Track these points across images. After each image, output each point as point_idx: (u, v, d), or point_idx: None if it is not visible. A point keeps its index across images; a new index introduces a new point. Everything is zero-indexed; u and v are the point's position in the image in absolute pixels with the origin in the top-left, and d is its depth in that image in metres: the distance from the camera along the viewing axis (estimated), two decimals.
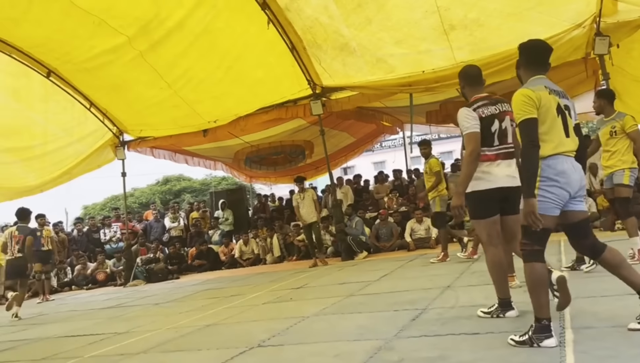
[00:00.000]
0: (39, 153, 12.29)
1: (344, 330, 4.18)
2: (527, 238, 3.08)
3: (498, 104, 3.92)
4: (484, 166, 3.84)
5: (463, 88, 4.17)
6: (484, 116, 3.84)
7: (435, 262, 7.87)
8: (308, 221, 10.66)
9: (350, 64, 9.64)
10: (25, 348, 5.64)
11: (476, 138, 3.79)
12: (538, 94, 3.10)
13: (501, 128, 3.87)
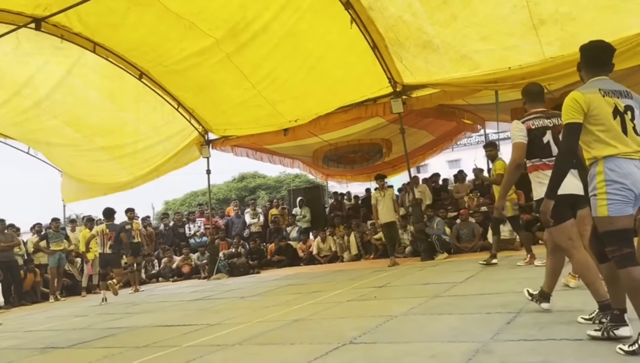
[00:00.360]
0: (131, 151, 13.02)
1: (436, 331, 4.17)
2: (612, 243, 3.06)
3: (553, 118, 4.11)
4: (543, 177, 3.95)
5: (524, 104, 4.39)
6: (533, 127, 4.06)
7: (522, 265, 7.65)
8: (386, 220, 10.63)
9: (433, 61, 9.52)
10: (124, 335, 6.01)
11: (519, 148, 4.03)
12: (588, 97, 3.13)
13: (557, 140, 4.00)
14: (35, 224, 13.43)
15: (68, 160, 13.99)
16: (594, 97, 3.13)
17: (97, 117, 12.02)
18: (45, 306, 11.07)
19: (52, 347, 5.76)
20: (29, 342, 6.39)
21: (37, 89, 10.84)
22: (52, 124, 12.00)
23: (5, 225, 12.21)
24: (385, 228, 10.79)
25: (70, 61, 10.23)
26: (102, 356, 4.84)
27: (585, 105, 3.12)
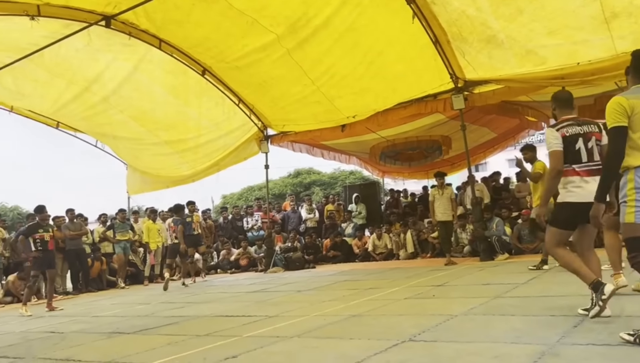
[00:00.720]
0: (193, 145, 13.38)
1: (499, 332, 4.06)
2: (634, 250, 3.17)
3: (584, 125, 4.25)
4: (576, 181, 4.15)
5: (554, 110, 4.52)
6: (567, 134, 4.19)
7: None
8: (442, 218, 10.48)
9: (496, 56, 9.28)
10: (186, 324, 6.17)
11: (557, 156, 4.17)
12: (631, 102, 3.17)
13: (587, 147, 4.18)
14: (101, 215, 14.01)
15: (133, 153, 14.53)
16: (636, 102, 3.17)
17: (161, 112, 12.41)
18: (110, 294, 11.54)
19: (118, 332, 6.00)
20: (96, 326, 6.67)
21: (105, 85, 11.29)
22: (119, 118, 12.48)
23: (74, 215, 12.80)
24: (441, 226, 10.64)
25: (137, 57, 10.60)
26: (166, 343, 4.99)
27: (629, 109, 3.16)
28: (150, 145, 13.68)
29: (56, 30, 9.03)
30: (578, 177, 4.15)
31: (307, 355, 3.96)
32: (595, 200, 3.26)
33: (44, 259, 9.19)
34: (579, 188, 4.13)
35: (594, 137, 4.22)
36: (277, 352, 4.15)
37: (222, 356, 4.11)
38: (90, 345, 5.34)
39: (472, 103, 10.54)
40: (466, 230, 11.73)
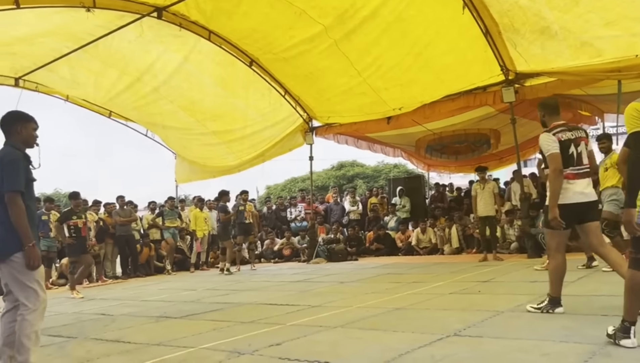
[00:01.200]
0: (239, 136, 13.54)
1: (547, 330, 3.97)
2: (634, 247, 3.33)
3: (574, 131, 4.56)
4: (571, 183, 4.46)
5: (543, 117, 4.77)
6: (562, 139, 4.46)
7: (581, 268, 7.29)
8: (484, 214, 10.29)
9: (550, 48, 8.98)
10: (231, 310, 6.29)
11: (557, 157, 4.42)
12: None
13: (577, 152, 4.48)
14: (150, 202, 14.37)
15: (182, 143, 14.83)
16: None
17: (210, 103, 12.60)
18: (157, 279, 11.85)
19: (166, 316, 6.16)
20: (144, 310, 6.87)
21: (156, 76, 11.53)
22: (169, 108, 12.73)
23: (125, 201, 13.18)
24: (482, 222, 10.45)
25: (187, 49, 10.78)
26: (212, 328, 5.10)
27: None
28: (198, 135, 13.93)
29: (110, 21, 9.29)
30: (573, 181, 4.47)
31: (351, 345, 3.97)
32: (626, 206, 3.33)
33: (78, 245, 9.36)
34: (564, 190, 4.45)
35: (583, 142, 4.54)
36: (321, 341, 4.18)
37: (267, 343, 4.17)
38: (139, 328, 5.51)
39: (522, 96, 10.25)
40: (513, 226, 11.47)
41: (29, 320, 3.43)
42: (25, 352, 3.39)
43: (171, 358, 3.98)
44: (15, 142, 3.70)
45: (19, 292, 3.49)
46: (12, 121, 3.74)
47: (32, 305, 3.47)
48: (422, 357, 3.45)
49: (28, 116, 3.82)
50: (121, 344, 4.66)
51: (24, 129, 3.74)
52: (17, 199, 3.51)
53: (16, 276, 3.49)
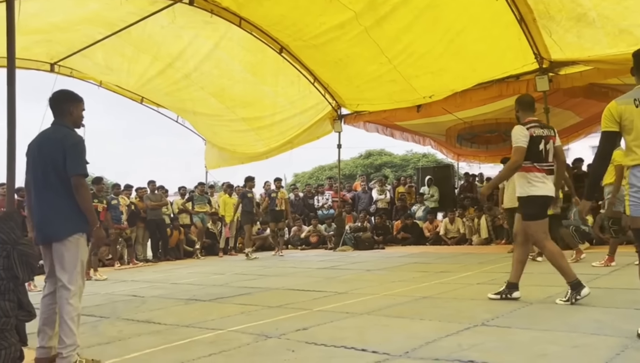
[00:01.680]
0: (268, 123, 13.60)
1: (578, 322, 3.91)
2: (637, 240, 3.55)
3: (545, 128, 4.84)
4: (540, 177, 4.72)
5: (517, 112, 5.02)
6: (534, 135, 4.73)
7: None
8: (509, 205, 10.13)
9: (586, 36, 8.75)
10: (259, 295, 6.35)
11: (521, 152, 4.70)
12: (621, 108, 3.43)
13: (546, 149, 4.76)
14: (180, 188, 14.57)
15: (212, 129, 14.96)
16: (626, 107, 3.41)
17: (240, 89, 12.66)
18: (187, 263, 12.04)
19: (195, 299, 6.27)
20: (174, 292, 7.00)
21: (187, 62, 11.63)
22: (199, 95, 12.84)
23: (156, 186, 13.39)
24: (508, 213, 10.29)
25: (218, 35, 10.84)
26: (240, 312, 5.17)
27: (617, 115, 3.44)
28: (228, 122, 14.03)
29: (143, 8, 9.39)
30: (541, 174, 4.73)
31: (377, 332, 3.98)
32: (584, 198, 3.78)
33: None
34: (543, 183, 4.72)
35: (551, 140, 4.82)
36: (347, 327, 4.20)
37: (294, 327, 4.21)
38: (169, 310, 5.61)
39: (557, 85, 10.03)
40: None
41: (72, 303, 3.43)
42: (72, 335, 3.39)
43: (200, 339, 4.05)
44: (66, 122, 3.67)
45: (63, 274, 3.46)
46: (64, 101, 3.71)
47: (75, 288, 3.47)
48: (449, 345, 3.44)
49: (79, 96, 3.79)
50: (152, 325, 4.76)
51: (75, 110, 3.71)
52: (85, 182, 3.55)
53: (66, 258, 3.47)
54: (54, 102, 3.70)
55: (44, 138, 3.66)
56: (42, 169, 3.55)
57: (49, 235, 3.53)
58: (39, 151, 3.59)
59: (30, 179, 3.67)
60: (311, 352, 3.49)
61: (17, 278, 3.15)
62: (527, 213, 4.83)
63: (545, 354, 3.12)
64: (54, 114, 3.72)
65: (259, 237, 14.52)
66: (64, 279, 3.46)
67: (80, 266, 3.54)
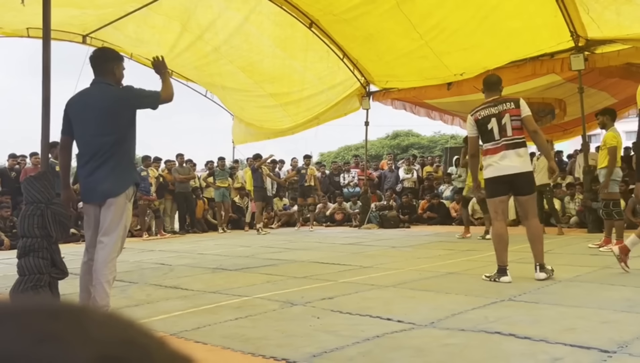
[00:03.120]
0: (296, 98, 13.55)
1: (607, 300, 3.85)
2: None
3: (500, 105, 4.81)
4: (491, 159, 4.78)
5: (483, 92, 5.12)
6: (480, 118, 4.82)
7: None
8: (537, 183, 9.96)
9: (626, 13, 8.48)
10: (284, 266, 6.41)
11: (471, 141, 5.05)
12: None
13: (500, 125, 4.73)
14: (208, 162, 14.69)
15: (240, 105, 14.98)
16: None
17: (268, 64, 12.62)
18: (213, 236, 12.20)
19: (222, 268, 6.35)
20: (201, 262, 7.10)
21: (217, 34, 11.62)
22: (228, 69, 12.85)
23: (184, 159, 13.53)
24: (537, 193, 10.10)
25: (248, 8, 10.78)
26: (265, 281, 5.22)
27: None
28: (256, 97, 14.03)
29: None
30: (495, 155, 4.75)
31: (403, 303, 3.98)
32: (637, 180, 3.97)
33: None
34: (493, 164, 4.76)
35: (507, 114, 4.74)
36: (373, 298, 4.21)
37: (319, 296, 4.24)
38: (196, 277, 5.70)
39: (592, 64, 9.77)
40: (574, 200, 11.09)
41: (110, 266, 3.41)
42: (106, 296, 3.39)
43: (227, 304, 4.11)
44: (109, 81, 3.62)
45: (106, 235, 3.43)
46: (106, 59, 3.66)
47: (115, 251, 3.46)
48: (475, 317, 3.43)
49: (121, 55, 3.79)
50: (179, 290, 4.84)
51: (117, 69, 3.67)
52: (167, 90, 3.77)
53: (112, 218, 3.45)
54: (96, 60, 3.64)
55: (90, 95, 3.58)
56: (98, 126, 3.49)
57: (106, 191, 3.47)
58: (86, 109, 3.52)
59: (76, 137, 3.59)
60: (336, 319, 3.51)
61: (51, 237, 3.23)
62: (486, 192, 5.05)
63: (573, 328, 3.08)
64: (95, 72, 3.65)
65: (285, 213, 14.61)
66: (104, 240, 3.43)
67: (123, 230, 3.53)
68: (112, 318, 0.35)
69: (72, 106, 3.61)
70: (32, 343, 0.30)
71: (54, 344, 0.30)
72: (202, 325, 3.46)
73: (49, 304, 0.34)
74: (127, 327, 0.35)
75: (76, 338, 0.31)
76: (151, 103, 3.57)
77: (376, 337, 3.03)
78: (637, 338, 2.84)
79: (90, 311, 0.35)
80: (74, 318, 0.33)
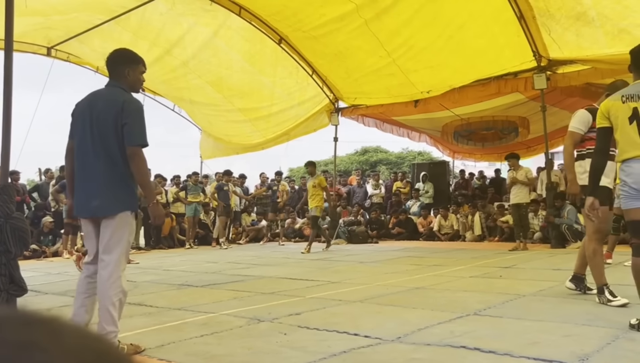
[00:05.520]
0: (265, 113, 13.56)
1: (569, 313, 3.93)
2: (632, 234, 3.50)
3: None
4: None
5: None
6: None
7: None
8: (514, 201, 10.16)
9: (585, 35, 8.78)
10: (251, 282, 6.35)
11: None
12: (609, 104, 3.50)
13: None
14: (174, 177, 14.52)
15: (208, 119, 14.90)
16: (613, 104, 3.48)
17: (237, 79, 12.61)
18: (179, 252, 12.02)
19: (187, 284, 6.25)
20: (166, 278, 6.98)
21: (185, 49, 11.57)
22: (196, 83, 12.79)
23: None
24: (514, 209, 10.29)
25: (217, 23, 10.79)
26: (232, 297, 5.16)
27: (606, 112, 3.50)
28: (224, 112, 13.98)
29: None
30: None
31: (370, 318, 3.98)
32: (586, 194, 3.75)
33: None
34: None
35: None
36: (340, 313, 4.20)
37: (286, 312, 4.21)
38: (161, 294, 5.60)
39: (554, 84, 10.07)
40: (538, 216, 11.33)
41: (114, 287, 3.14)
42: (112, 321, 3.12)
43: (192, 321, 4.04)
44: (122, 84, 3.34)
45: (106, 254, 3.17)
46: (120, 62, 3.37)
47: (117, 271, 3.17)
48: (441, 332, 3.45)
49: (137, 58, 3.42)
50: (143, 307, 4.75)
51: (132, 72, 3.35)
52: (143, 153, 3.20)
53: (113, 236, 3.18)
54: (110, 62, 3.39)
55: (99, 98, 3.32)
56: (94, 133, 3.20)
57: (98, 208, 3.20)
58: (91, 113, 3.24)
59: (77, 143, 3.30)
60: (303, 335, 3.48)
61: (10, 252, 3.12)
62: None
63: (537, 342, 3.13)
64: (110, 75, 3.41)
65: (253, 228, 14.50)
66: (106, 259, 3.17)
67: (126, 247, 3.26)
68: (82, 329, 0.36)
69: (79, 108, 3.39)
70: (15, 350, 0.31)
71: (35, 351, 0.31)
72: (166, 342, 3.39)
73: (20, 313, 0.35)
74: (97, 338, 0.36)
75: (53, 346, 0.32)
76: (129, 138, 3.15)
77: (343, 352, 3.02)
78: (597, 351, 2.90)
79: (60, 321, 0.36)
80: (47, 327, 0.34)
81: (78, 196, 3.28)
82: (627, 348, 2.97)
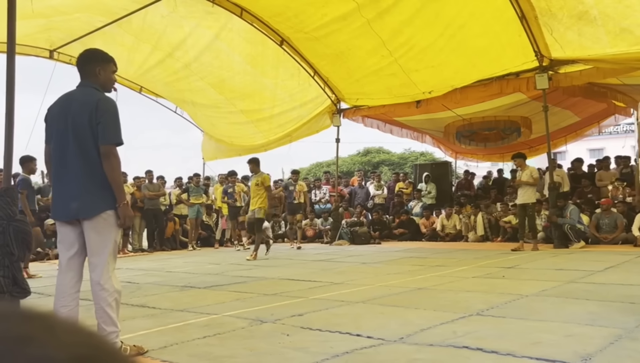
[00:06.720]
0: (267, 115, 13.57)
1: (572, 313, 3.92)
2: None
3: None
4: None
5: None
6: None
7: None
8: (521, 201, 10.14)
9: (587, 34, 8.77)
10: (254, 284, 6.35)
11: None
12: None
13: None
14: (177, 179, 14.55)
15: (210, 121, 14.92)
16: None
17: (239, 81, 12.62)
18: (182, 253, 12.03)
19: (190, 286, 6.26)
20: (169, 280, 6.99)
21: (187, 52, 11.58)
22: (199, 85, 12.80)
23: (153, 176, 13.35)
24: (520, 209, 10.26)
25: (219, 25, 10.80)
26: (235, 298, 5.17)
27: None
28: (226, 113, 13.99)
29: None
30: None
31: (372, 319, 3.98)
32: None
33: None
34: None
35: None
36: (342, 314, 4.20)
37: (289, 313, 4.21)
38: (164, 296, 5.61)
39: (556, 83, 10.06)
40: (540, 216, 11.31)
41: (107, 288, 3.11)
42: (111, 321, 3.11)
43: (195, 323, 4.04)
44: (94, 84, 3.30)
45: (94, 256, 3.13)
46: (89, 61, 3.33)
47: (107, 271, 3.13)
48: (444, 332, 3.45)
49: (107, 56, 3.38)
50: (146, 309, 4.75)
51: (103, 71, 3.32)
52: (117, 151, 3.17)
53: (98, 237, 3.14)
54: (80, 62, 3.37)
55: (71, 100, 3.27)
56: (71, 135, 3.16)
57: (78, 209, 3.14)
58: (66, 115, 3.21)
59: (53, 146, 3.26)
60: (306, 336, 3.49)
61: (13, 255, 3.13)
62: None
63: (539, 342, 3.13)
64: (80, 75, 3.38)
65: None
66: (94, 261, 3.13)
67: (113, 247, 3.21)
68: (77, 325, 0.38)
69: (51, 111, 3.35)
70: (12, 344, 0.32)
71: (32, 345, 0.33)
72: (169, 343, 3.40)
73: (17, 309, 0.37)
74: (91, 334, 0.37)
75: (50, 340, 0.34)
76: (103, 137, 3.13)
77: (345, 353, 3.02)
78: (600, 351, 2.89)
79: (56, 317, 0.37)
80: (44, 322, 0.35)
81: (56, 199, 3.26)
82: (630, 348, 2.97)
